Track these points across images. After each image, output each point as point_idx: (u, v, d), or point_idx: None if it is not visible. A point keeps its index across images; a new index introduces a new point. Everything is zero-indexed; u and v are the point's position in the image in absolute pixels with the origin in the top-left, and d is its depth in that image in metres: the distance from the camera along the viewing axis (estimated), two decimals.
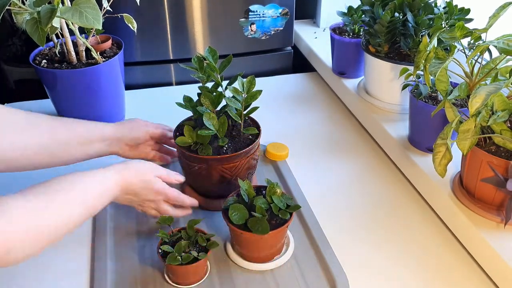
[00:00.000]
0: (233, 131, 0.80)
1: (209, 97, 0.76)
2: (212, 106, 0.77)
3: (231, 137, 0.78)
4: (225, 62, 0.79)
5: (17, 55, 1.24)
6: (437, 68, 0.72)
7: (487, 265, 0.70)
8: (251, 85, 0.77)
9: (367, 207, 0.84)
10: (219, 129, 0.74)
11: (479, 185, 0.71)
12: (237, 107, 0.76)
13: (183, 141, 0.76)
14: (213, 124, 0.73)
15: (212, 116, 0.73)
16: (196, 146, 0.75)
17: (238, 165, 0.76)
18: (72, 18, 0.75)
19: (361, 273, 0.71)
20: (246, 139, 0.78)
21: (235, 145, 0.77)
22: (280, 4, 1.27)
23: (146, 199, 0.72)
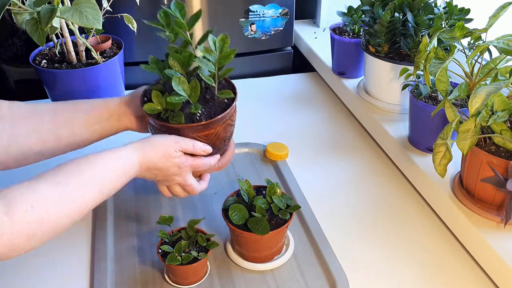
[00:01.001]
0: (206, 95, 0.71)
1: (177, 58, 0.67)
2: (182, 69, 0.68)
3: (204, 101, 0.70)
4: (193, 17, 0.69)
5: (17, 55, 1.24)
6: (437, 68, 0.72)
7: (487, 265, 0.70)
8: (224, 44, 0.68)
9: (367, 207, 0.84)
10: (191, 94, 0.66)
11: (479, 185, 0.71)
12: (210, 68, 0.68)
13: (151, 108, 0.67)
14: (183, 89, 0.65)
15: (182, 80, 0.65)
16: (166, 114, 0.67)
17: (214, 132, 0.69)
18: (72, 18, 0.75)
19: (361, 273, 0.71)
20: (222, 103, 0.70)
21: (209, 110, 0.68)
22: (280, 4, 1.27)
23: (170, 173, 0.67)
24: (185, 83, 0.65)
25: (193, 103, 0.67)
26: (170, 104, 0.66)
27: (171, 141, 0.66)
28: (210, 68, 0.67)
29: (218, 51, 0.68)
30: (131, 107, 0.75)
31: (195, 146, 0.67)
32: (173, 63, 0.67)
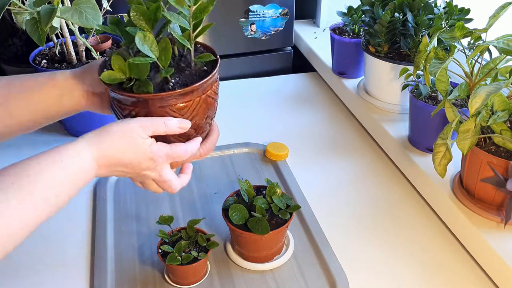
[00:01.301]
0: (180, 62, 0.58)
1: (141, 11, 0.53)
2: (148, 25, 0.54)
3: (178, 70, 0.57)
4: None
5: (17, 55, 1.24)
6: (437, 68, 0.72)
7: (487, 265, 0.69)
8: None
9: (367, 207, 0.84)
10: (161, 56, 0.53)
11: (479, 185, 0.71)
12: (183, 24, 0.55)
13: (111, 77, 0.54)
14: (151, 49, 0.52)
15: (149, 38, 0.52)
16: (130, 83, 0.54)
17: (191, 105, 0.56)
18: (72, 18, 0.75)
19: (361, 273, 0.71)
20: (200, 71, 0.58)
21: (185, 79, 0.56)
22: (280, 4, 1.27)
23: (141, 168, 0.55)
24: (153, 42, 0.53)
25: (164, 67, 0.54)
26: (134, 68, 0.53)
27: (136, 125, 0.52)
28: (182, 24, 0.55)
29: (192, 2, 0.54)
30: (87, 80, 0.61)
31: (168, 124, 0.54)
32: (135, 17, 0.53)
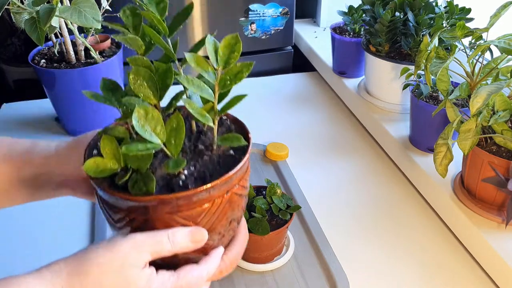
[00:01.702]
0: (197, 143, 0.44)
1: (145, 75, 0.40)
2: (154, 95, 0.41)
3: (194, 154, 0.43)
4: (179, 16, 0.43)
5: (16, 54, 1.24)
6: (438, 68, 0.72)
7: (488, 266, 0.69)
8: (232, 52, 0.41)
9: (367, 207, 0.84)
10: (169, 140, 0.39)
11: (480, 185, 0.71)
12: (206, 95, 0.40)
13: (98, 168, 0.40)
14: (155, 131, 0.38)
15: (152, 114, 0.38)
16: (125, 176, 0.39)
17: (210, 208, 0.40)
18: (71, 17, 0.75)
19: (361, 273, 0.71)
20: (224, 156, 0.43)
21: (203, 169, 0.41)
22: (280, 3, 1.26)
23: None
24: (159, 121, 0.38)
25: (174, 156, 0.39)
26: (131, 158, 0.39)
27: (128, 247, 0.38)
28: (205, 95, 0.40)
29: (221, 64, 0.40)
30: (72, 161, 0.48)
31: (176, 240, 0.39)
32: (137, 84, 0.40)
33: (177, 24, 0.43)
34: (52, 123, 1.07)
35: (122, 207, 0.40)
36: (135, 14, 0.43)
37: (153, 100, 0.41)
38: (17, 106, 1.14)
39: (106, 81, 0.45)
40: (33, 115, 1.11)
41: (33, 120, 1.08)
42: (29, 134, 1.04)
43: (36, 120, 1.08)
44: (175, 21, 0.44)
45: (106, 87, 0.45)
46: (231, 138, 0.41)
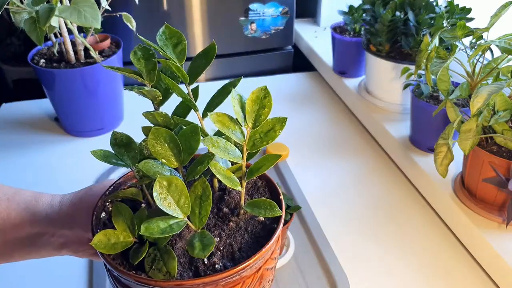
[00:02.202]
0: (221, 204, 0.40)
1: (167, 137, 0.36)
2: (176, 158, 0.36)
3: (218, 218, 0.39)
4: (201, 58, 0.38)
5: (16, 54, 1.24)
6: (439, 68, 0.71)
7: (488, 266, 0.69)
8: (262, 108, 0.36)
9: (367, 208, 0.84)
10: (194, 209, 0.35)
11: (480, 185, 0.71)
12: (234, 159, 0.36)
13: (108, 243, 0.35)
14: (178, 204, 0.33)
15: (175, 185, 0.33)
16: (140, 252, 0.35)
17: None
18: (71, 17, 0.74)
19: (361, 273, 0.71)
20: (254, 223, 0.39)
21: (230, 240, 0.37)
22: (280, 3, 1.26)
23: None
24: (183, 192, 0.33)
25: (197, 229, 0.35)
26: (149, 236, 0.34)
27: None
28: (232, 157, 0.36)
29: (250, 123, 0.36)
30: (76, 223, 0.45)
31: None
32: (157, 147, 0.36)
33: (199, 70, 0.37)
34: (51, 123, 1.07)
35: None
36: (148, 57, 0.38)
37: (174, 163, 0.36)
38: (16, 106, 1.14)
39: (117, 135, 0.39)
40: (33, 115, 1.10)
41: (33, 120, 1.08)
42: (29, 134, 1.03)
43: (36, 120, 1.08)
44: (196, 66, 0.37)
45: (117, 143, 0.39)
46: (260, 204, 0.37)
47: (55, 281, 0.70)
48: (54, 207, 0.46)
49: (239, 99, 0.36)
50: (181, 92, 0.36)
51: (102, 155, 0.38)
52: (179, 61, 0.37)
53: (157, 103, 0.39)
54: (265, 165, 0.37)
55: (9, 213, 0.44)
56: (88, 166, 0.91)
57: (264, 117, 0.36)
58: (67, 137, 1.01)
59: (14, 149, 0.99)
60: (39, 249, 0.46)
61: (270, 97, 0.36)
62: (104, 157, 0.38)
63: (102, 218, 0.39)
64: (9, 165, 0.94)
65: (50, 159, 0.96)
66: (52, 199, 0.46)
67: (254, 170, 0.37)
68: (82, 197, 0.46)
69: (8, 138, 1.02)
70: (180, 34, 0.37)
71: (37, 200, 0.46)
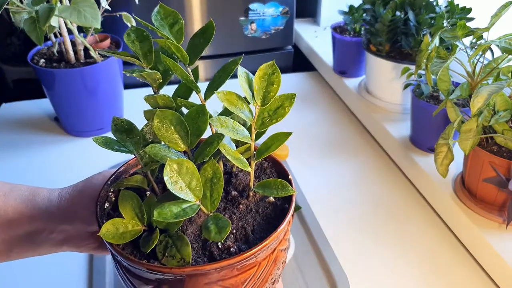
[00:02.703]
0: (229, 187, 0.40)
1: (172, 119, 0.35)
2: (184, 141, 0.35)
3: (227, 202, 0.39)
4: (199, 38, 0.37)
5: (16, 54, 1.24)
6: (439, 68, 0.71)
7: (489, 266, 0.69)
8: (270, 85, 0.35)
9: (367, 208, 0.84)
10: (205, 192, 0.33)
11: (481, 185, 0.71)
12: (242, 137, 0.35)
13: (117, 233, 0.34)
14: (190, 187, 0.32)
15: (186, 167, 0.32)
16: (151, 240, 0.34)
17: (255, 274, 0.35)
18: (71, 17, 0.74)
19: (361, 274, 0.71)
20: (264, 204, 0.38)
21: (242, 223, 0.37)
22: (280, 2, 1.26)
23: None
24: (194, 174, 0.32)
25: (210, 212, 0.34)
26: (161, 223, 0.34)
27: None
28: (241, 137, 0.35)
29: (258, 100, 0.35)
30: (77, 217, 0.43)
31: None
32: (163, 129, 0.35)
33: (198, 49, 0.36)
34: (51, 123, 1.07)
35: (151, 278, 0.33)
36: (142, 38, 0.36)
37: (181, 146, 0.35)
38: (16, 106, 1.14)
39: (118, 121, 0.37)
40: (32, 115, 1.10)
41: (32, 120, 1.08)
42: (29, 134, 1.03)
43: (35, 120, 1.08)
44: (195, 45, 0.36)
45: (118, 129, 0.37)
46: (271, 185, 0.35)
47: (54, 278, 0.70)
48: (53, 202, 0.44)
49: (246, 76, 0.36)
50: (183, 72, 0.35)
51: (104, 142, 0.37)
52: (177, 41, 0.35)
53: (156, 86, 0.38)
54: (274, 144, 0.35)
55: (5, 209, 0.43)
56: (88, 166, 0.91)
57: (273, 94, 0.35)
58: (67, 137, 1.01)
59: (14, 149, 0.99)
60: (38, 247, 0.45)
61: (278, 73, 0.35)
62: (106, 144, 0.37)
63: (106, 209, 0.38)
64: (9, 165, 0.94)
65: (50, 159, 0.96)
66: (50, 193, 0.45)
67: (263, 149, 0.36)
68: (81, 189, 0.44)
69: (8, 138, 1.02)
70: (175, 13, 0.36)
71: (35, 195, 0.44)
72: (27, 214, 0.43)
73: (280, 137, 0.36)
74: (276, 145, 0.36)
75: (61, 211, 0.43)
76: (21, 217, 0.43)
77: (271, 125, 0.35)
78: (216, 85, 0.37)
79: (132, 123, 0.39)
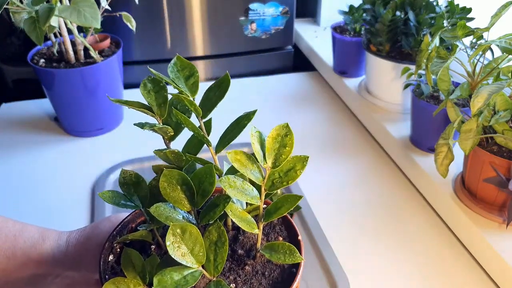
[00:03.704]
0: (236, 245, 0.39)
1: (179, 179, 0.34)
2: (189, 201, 0.35)
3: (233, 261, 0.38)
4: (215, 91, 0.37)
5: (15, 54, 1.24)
6: (439, 68, 0.71)
7: (489, 266, 0.69)
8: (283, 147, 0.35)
9: (367, 208, 0.83)
10: (209, 256, 0.33)
11: (481, 185, 0.71)
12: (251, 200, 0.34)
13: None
14: (192, 253, 0.31)
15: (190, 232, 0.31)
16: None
17: None
18: (71, 17, 0.74)
19: (362, 273, 0.71)
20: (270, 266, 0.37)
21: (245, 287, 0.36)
22: (280, 2, 1.26)
23: None
24: (197, 240, 0.32)
25: (214, 279, 0.33)
26: None
27: None
28: (249, 199, 0.34)
29: (269, 162, 0.34)
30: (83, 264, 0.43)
31: None
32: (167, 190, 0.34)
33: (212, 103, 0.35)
34: (51, 123, 1.07)
35: None
36: (158, 89, 0.36)
37: (187, 206, 0.34)
38: (16, 106, 1.14)
39: (126, 173, 0.37)
40: (32, 115, 1.10)
41: (32, 120, 1.08)
42: (29, 134, 1.03)
43: (35, 120, 1.08)
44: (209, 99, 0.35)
45: (126, 182, 0.37)
46: (281, 249, 0.34)
47: None
48: (61, 247, 0.44)
49: (258, 136, 0.35)
50: (194, 127, 0.34)
51: (111, 197, 0.37)
52: (192, 94, 0.35)
53: (167, 138, 0.37)
54: (284, 206, 0.34)
55: (14, 252, 0.42)
56: (88, 166, 0.91)
57: (285, 156, 0.34)
58: (67, 137, 1.01)
59: (14, 149, 0.99)
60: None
61: (292, 135, 0.35)
62: (112, 199, 0.36)
63: (110, 262, 0.38)
64: (9, 165, 0.94)
65: (50, 159, 0.95)
66: (59, 237, 0.44)
67: (272, 211, 0.35)
68: (89, 236, 0.44)
69: (8, 138, 1.02)
70: (192, 66, 0.36)
71: (44, 238, 0.44)
72: (35, 258, 0.42)
73: (291, 200, 0.35)
74: (286, 208, 0.34)
75: (68, 258, 0.43)
76: (29, 261, 0.42)
77: (282, 187, 0.34)
78: (228, 140, 0.36)
79: (140, 176, 0.38)
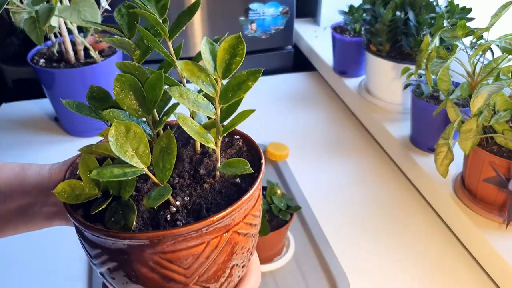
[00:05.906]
0: (200, 167, 0.38)
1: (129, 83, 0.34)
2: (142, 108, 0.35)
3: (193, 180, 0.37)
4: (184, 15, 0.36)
5: (15, 54, 1.24)
6: (439, 68, 0.71)
7: (489, 266, 0.69)
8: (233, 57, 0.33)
9: (368, 208, 0.83)
10: (158, 162, 0.33)
11: (481, 185, 0.71)
12: (205, 111, 0.34)
13: (72, 193, 0.34)
14: (137, 153, 0.31)
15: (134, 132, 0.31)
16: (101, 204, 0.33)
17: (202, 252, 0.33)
18: (71, 17, 0.74)
19: (362, 273, 0.71)
20: (229, 185, 0.37)
21: (200, 200, 0.35)
22: (280, 2, 1.26)
23: None
24: (142, 140, 0.31)
25: (162, 183, 0.33)
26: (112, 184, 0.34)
27: None
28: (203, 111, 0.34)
29: (220, 72, 0.33)
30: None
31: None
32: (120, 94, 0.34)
33: (180, 24, 0.36)
34: (51, 123, 1.07)
35: (98, 242, 0.33)
36: (131, 13, 0.37)
37: (139, 113, 0.34)
38: (16, 106, 1.14)
39: (94, 89, 0.37)
40: (32, 115, 1.10)
41: (32, 120, 1.08)
42: (29, 134, 1.03)
43: (35, 120, 1.08)
44: (178, 22, 0.36)
45: (93, 97, 0.38)
46: (234, 164, 0.35)
47: (54, 278, 0.70)
48: (44, 175, 0.44)
49: (210, 48, 0.34)
50: (159, 46, 0.35)
51: (75, 106, 0.36)
52: (160, 16, 0.35)
53: (136, 59, 0.37)
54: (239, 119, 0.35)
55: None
56: None
57: (236, 66, 0.33)
58: (67, 137, 1.01)
59: (14, 149, 0.99)
60: (30, 221, 0.45)
61: (243, 46, 0.33)
62: (77, 108, 0.36)
63: (78, 174, 0.37)
64: None
65: (50, 159, 0.95)
66: (41, 168, 0.45)
67: (228, 126, 0.35)
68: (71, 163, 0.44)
69: (8, 138, 1.02)
70: None
71: (25, 170, 0.45)
72: (19, 188, 0.44)
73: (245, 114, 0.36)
74: (241, 120, 0.35)
75: (51, 184, 0.43)
76: (13, 191, 0.43)
77: (234, 99, 0.34)
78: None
79: (108, 93, 0.38)
